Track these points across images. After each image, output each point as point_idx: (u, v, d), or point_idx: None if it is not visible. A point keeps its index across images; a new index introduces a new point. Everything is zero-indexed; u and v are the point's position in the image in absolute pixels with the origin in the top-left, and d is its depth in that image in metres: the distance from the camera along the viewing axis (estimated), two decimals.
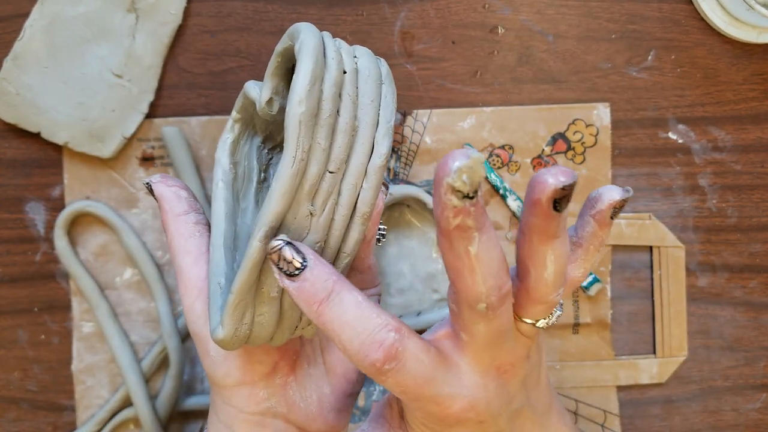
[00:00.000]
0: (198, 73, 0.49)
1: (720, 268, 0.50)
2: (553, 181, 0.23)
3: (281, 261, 0.26)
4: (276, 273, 0.27)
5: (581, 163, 0.49)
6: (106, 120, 0.47)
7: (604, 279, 0.50)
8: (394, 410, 0.31)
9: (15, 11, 0.48)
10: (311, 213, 0.27)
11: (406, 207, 0.50)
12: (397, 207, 0.50)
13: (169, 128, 0.48)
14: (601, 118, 0.49)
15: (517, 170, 0.49)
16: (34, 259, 0.49)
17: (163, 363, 0.49)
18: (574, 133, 0.49)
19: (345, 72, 0.27)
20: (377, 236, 0.32)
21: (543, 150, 0.49)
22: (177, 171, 0.48)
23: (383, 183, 0.30)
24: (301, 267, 0.26)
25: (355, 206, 0.28)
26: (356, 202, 0.28)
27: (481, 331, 0.26)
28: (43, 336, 0.49)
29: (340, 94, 0.27)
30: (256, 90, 0.31)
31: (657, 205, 0.50)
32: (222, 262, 0.30)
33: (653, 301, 0.50)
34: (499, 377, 0.28)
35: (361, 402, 0.50)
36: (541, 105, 0.49)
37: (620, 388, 0.50)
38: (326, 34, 0.28)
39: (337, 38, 0.29)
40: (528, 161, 0.49)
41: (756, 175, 0.50)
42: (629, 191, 0.27)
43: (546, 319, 0.28)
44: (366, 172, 0.28)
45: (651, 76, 0.49)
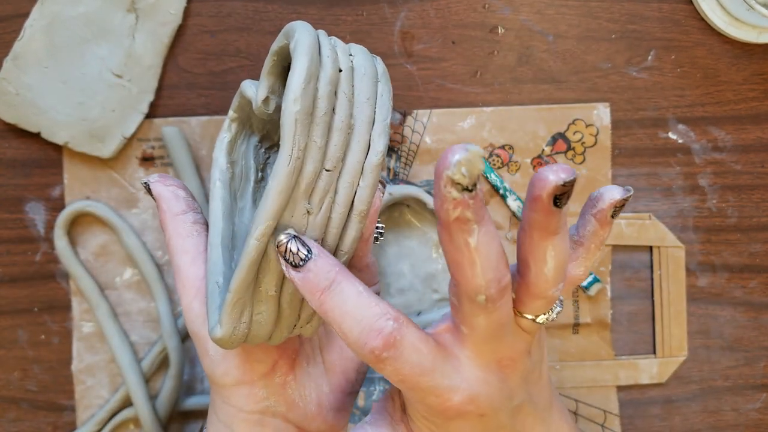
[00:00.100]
0: (198, 73, 0.49)
1: (720, 268, 0.50)
2: (554, 178, 0.24)
3: (287, 253, 0.27)
4: (283, 265, 0.27)
5: (581, 163, 0.49)
6: (106, 120, 0.47)
7: (604, 279, 0.50)
8: (396, 404, 0.32)
9: (15, 11, 0.48)
10: (308, 211, 0.27)
11: (406, 207, 0.50)
12: (397, 207, 0.50)
13: (169, 128, 0.48)
14: (601, 118, 0.49)
15: (517, 170, 0.49)
16: (34, 259, 0.49)
17: (163, 363, 0.49)
18: (574, 133, 0.49)
19: (341, 70, 0.28)
20: (375, 234, 0.33)
21: (543, 150, 0.49)
22: (177, 171, 0.48)
23: (380, 181, 0.30)
24: (306, 258, 0.27)
25: (352, 204, 0.28)
26: (353, 200, 0.28)
27: (481, 324, 0.27)
28: (43, 336, 0.49)
29: (336, 92, 0.27)
30: (253, 89, 0.31)
31: (657, 205, 0.50)
32: (220, 262, 0.30)
33: (653, 301, 0.50)
34: (500, 372, 0.28)
35: (361, 402, 0.50)
36: (541, 105, 0.49)
37: (620, 388, 0.50)
38: (321, 33, 0.28)
39: (333, 36, 0.29)
40: (528, 161, 0.49)
41: (756, 175, 0.50)
42: (630, 190, 0.27)
43: (546, 315, 0.29)
44: (362, 170, 0.28)
45: (651, 76, 0.49)
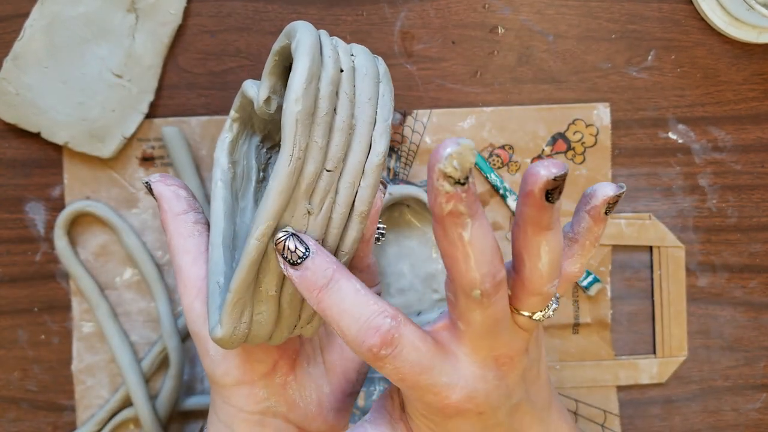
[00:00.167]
0: (198, 73, 0.49)
1: (720, 268, 0.50)
2: (545, 173, 0.24)
3: (285, 250, 0.27)
4: (281, 262, 0.27)
5: (581, 163, 0.49)
6: (106, 120, 0.47)
7: (604, 279, 0.50)
8: (395, 402, 0.32)
9: (15, 11, 0.48)
10: (309, 211, 0.27)
11: (406, 207, 0.50)
12: (397, 207, 0.50)
13: (169, 128, 0.48)
14: (601, 118, 0.49)
15: (517, 170, 0.49)
16: (34, 259, 0.49)
17: (163, 363, 0.49)
18: (574, 133, 0.49)
19: (342, 70, 0.27)
20: (376, 235, 0.33)
21: (543, 150, 0.49)
22: (177, 171, 0.48)
23: (381, 182, 0.30)
24: (304, 256, 0.27)
25: (353, 205, 0.28)
26: (354, 201, 0.28)
27: (477, 319, 0.27)
28: (43, 336, 0.49)
29: (337, 93, 0.27)
30: (254, 89, 0.31)
31: (657, 205, 0.50)
32: (221, 261, 0.30)
33: (653, 301, 0.50)
34: (498, 369, 0.28)
35: (361, 402, 0.50)
36: (541, 105, 0.49)
37: (620, 388, 0.50)
38: (323, 33, 0.28)
39: (334, 36, 0.29)
40: (528, 161, 0.49)
41: (756, 175, 0.50)
42: (623, 187, 0.27)
43: (542, 312, 0.29)
44: (364, 171, 0.28)
45: (651, 76, 0.49)
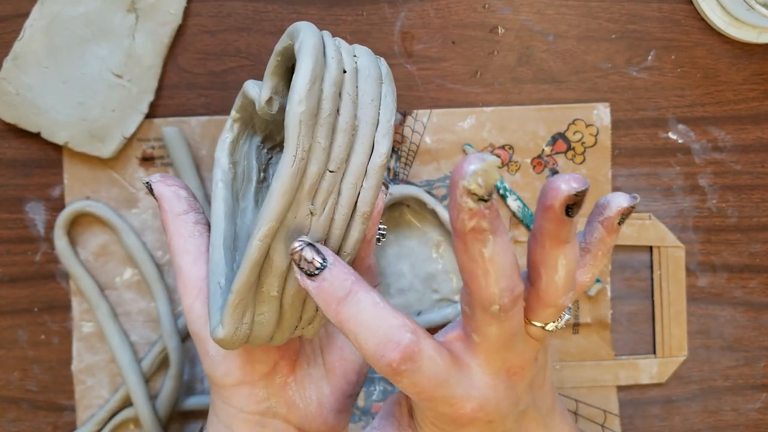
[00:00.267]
0: (198, 73, 0.49)
1: (720, 268, 0.50)
2: (566, 188, 0.24)
3: (302, 261, 0.27)
4: (297, 273, 0.27)
5: (581, 163, 0.49)
6: (106, 120, 0.47)
7: (604, 279, 0.50)
8: (404, 409, 0.32)
9: (15, 11, 0.48)
10: (311, 212, 0.27)
11: (406, 207, 0.50)
12: (397, 207, 0.50)
13: (169, 128, 0.48)
14: (601, 118, 0.49)
15: (517, 170, 0.49)
16: (34, 259, 0.49)
17: (163, 363, 0.49)
18: (574, 133, 0.49)
19: (345, 71, 0.27)
20: (377, 236, 0.33)
21: (543, 150, 0.49)
22: (177, 171, 0.48)
23: (383, 183, 0.30)
24: (321, 267, 0.27)
25: (356, 206, 0.28)
26: (356, 202, 0.28)
27: (493, 333, 0.27)
28: (43, 336, 0.49)
29: (340, 94, 0.27)
30: (256, 89, 0.31)
31: (657, 205, 0.50)
32: (222, 262, 0.30)
33: (653, 301, 0.50)
34: (509, 379, 0.28)
35: (361, 402, 0.50)
36: (541, 105, 0.49)
37: (620, 388, 0.50)
38: (326, 33, 0.28)
39: (337, 37, 0.29)
40: (528, 161, 0.49)
41: (756, 175, 0.50)
42: (636, 198, 0.27)
43: (555, 323, 0.29)
44: (366, 172, 0.28)
45: (651, 76, 0.49)
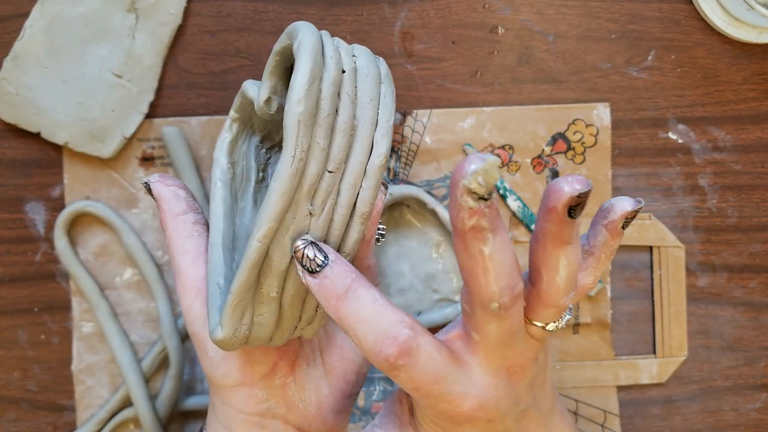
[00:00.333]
0: (198, 73, 0.49)
1: (720, 268, 0.50)
2: (569, 189, 0.24)
3: (304, 259, 0.27)
4: (299, 270, 0.28)
5: (581, 163, 0.49)
6: (106, 120, 0.47)
7: (604, 279, 0.50)
8: (404, 407, 0.32)
9: (15, 11, 0.48)
10: (310, 213, 0.27)
11: (406, 207, 0.50)
12: (397, 207, 0.50)
13: (169, 128, 0.48)
14: (601, 118, 0.49)
15: (517, 170, 0.49)
16: (34, 259, 0.49)
17: (163, 363, 0.49)
18: (574, 133, 0.49)
19: (344, 71, 0.27)
20: (376, 236, 0.33)
21: (543, 150, 0.49)
22: (177, 171, 0.48)
23: (383, 183, 0.30)
24: (323, 264, 0.27)
25: (355, 206, 0.28)
26: (355, 202, 0.28)
27: (493, 331, 0.27)
28: (43, 336, 0.49)
29: (339, 94, 0.27)
30: (255, 89, 0.31)
31: (657, 205, 0.50)
32: (221, 262, 0.30)
33: (653, 301, 0.50)
34: (509, 378, 0.29)
35: (361, 402, 0.50)
36: (541, 105, 0.49)
37: (620, 388, 0.50)
38: (325, 33, 0.28)
39: (336, 37, 0.29)
40: (528, 161, 0.49)
41: (756, 175, 0.50)
42: (641, 202, 0.28)
43: (555, 323, 0.29)
44: (365, 172, 0.28)
45: (651, 76, 0.49)
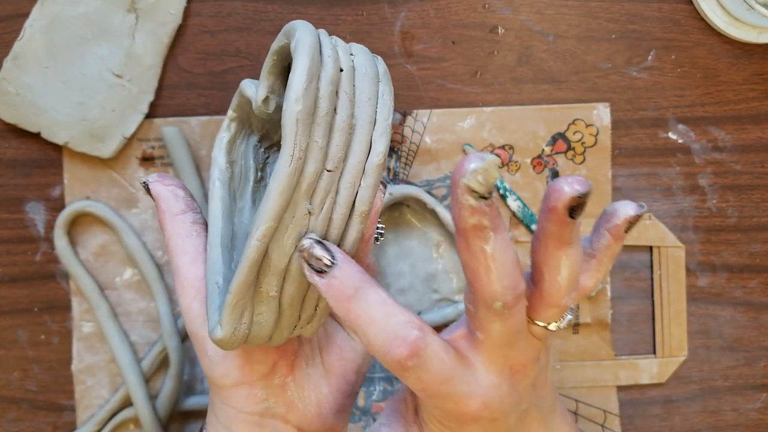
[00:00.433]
0: (198, 73, 0.49)
1: (720, 268, 0.50)
2: (569, 190, 0.25)
3: (312, 258, 0.27)
4: (306, 270, 0.27)
5: (581, 163, 0.49)
6: (106, 120, 0.47)
7: (605, 279, 0.49)
8: (409, 406, 0.32)
9: (15, 11, 0.48)
10: (309, 212, 0.27)
11: (406, 207, 0.50)
12: (397, 207, 0.50)
13: (169, 128, 0.48)
14: (601, 118, 0.49)
15: (517, 170, 0.49)
16: (34, 259, 0.49)
17: (163, 363, 0.49)
18: (574, 133, 0.49)
19: (342, 70, 0.27)
20: (375, 235, 0.33)
21: (543, 150, 0.49)
22: (177, 171, 0.48)
23: (381, 182, 0.30)
24: (330, 264, 0.27)
25: (354, 205, 0.28)
26: (354, 201, 0.28)
27: (497, 330, 0.27)
28: (43, 336, 0.49)
29: (337, 92, 0.27)
30: (252, 88, 0.31)
31: (657, 205, 0.50)
32: (219, 262, 0.30)
33: (653, 301, 0.50)
34: (511, 377, 0.29)
35: (361, 402, 0.50)
36: (541, 105, 0.49)
37: (620, 388, 0.50)
38: (322, 32, 0.28)
39: (333, 36, 0.29)
40: (528, 161, 0.49)
41: (756, 175, 0.50)
42: (644, 207, 0.28)
43: (557, 323, 0.29)
44: (364, 171, 0.28)
45: (651, 76, 0.49)
